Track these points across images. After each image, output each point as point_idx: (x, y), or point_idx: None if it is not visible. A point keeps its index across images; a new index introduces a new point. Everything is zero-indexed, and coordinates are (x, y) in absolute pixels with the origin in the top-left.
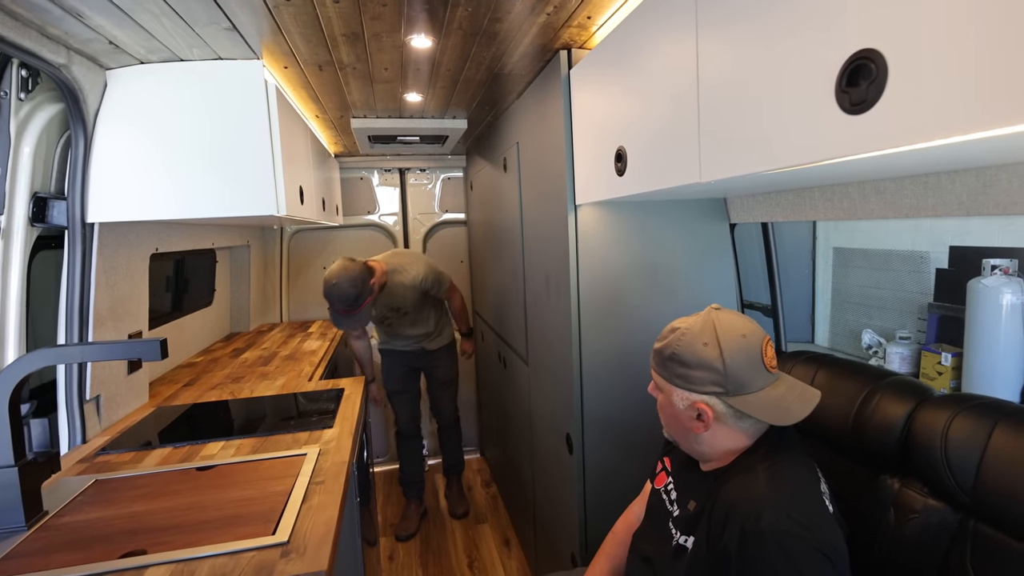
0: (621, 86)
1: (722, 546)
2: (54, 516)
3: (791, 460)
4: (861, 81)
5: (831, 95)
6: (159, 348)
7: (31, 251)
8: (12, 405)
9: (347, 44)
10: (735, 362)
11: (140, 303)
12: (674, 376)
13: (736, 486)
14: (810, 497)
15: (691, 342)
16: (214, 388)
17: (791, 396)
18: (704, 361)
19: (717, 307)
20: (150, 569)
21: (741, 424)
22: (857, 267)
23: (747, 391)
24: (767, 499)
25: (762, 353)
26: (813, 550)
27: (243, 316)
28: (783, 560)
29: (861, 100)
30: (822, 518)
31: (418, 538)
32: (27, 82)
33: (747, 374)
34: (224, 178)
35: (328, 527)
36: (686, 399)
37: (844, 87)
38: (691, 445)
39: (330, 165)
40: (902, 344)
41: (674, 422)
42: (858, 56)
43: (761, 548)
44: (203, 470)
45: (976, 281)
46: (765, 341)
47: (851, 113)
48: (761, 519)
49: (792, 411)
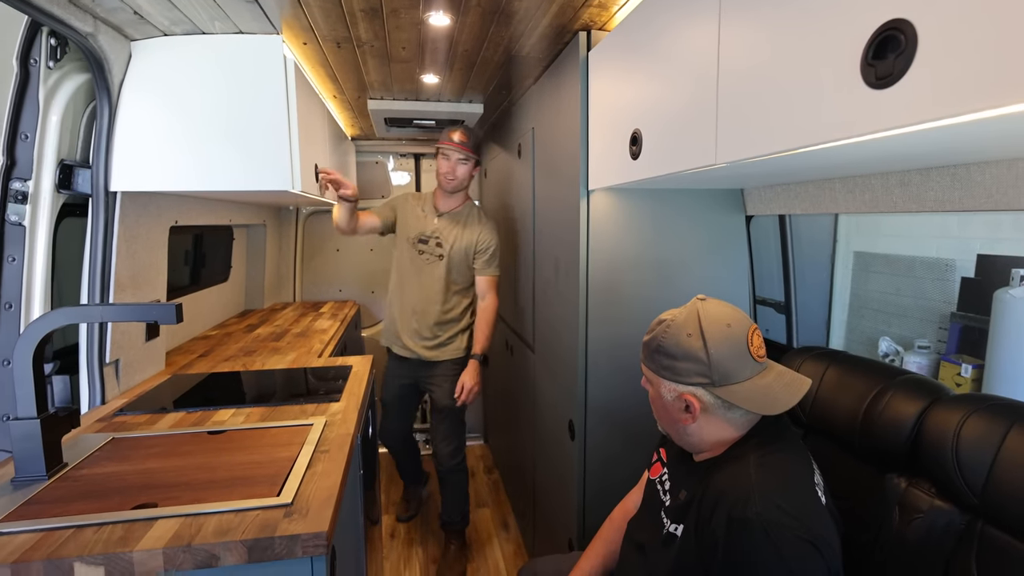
0: (640, 67)
1: (709, 532)
2: (73, 468)
3: (784, 450)
4: (888, 54)
5: (856, 69)
6: (175, 312)
7: (57, 218)
8: (36, 360)
9: (365, 20)
10: (719, 352)
11: (159, 273)
12: (661, 368)
13: (726, 475)
14: (801, 487)
15: (675, 333)
16: (227, 360)
17: (778, 385)
18: (689, 352)
19: (703, 297)
20: (160, 520)
21: (731, 415)
22: (878, 272)
23: (733, 381)
24: (755, 487)
25: (748, 342)
26: (800, 539)
27: (257, 293)
28: (768, 547)
29: (887, 73)
30: (812, 508)
31: (419, 518)
32: (55, 51)
33: (732, 364)
34: (242, 152)
35: (330, 492)
36: (674, 391)
37: (870, 60)
38: (681, 437)
39: (346, 147)
40: (920, 353)
41: (664, 414)
42: (887, 27)
43: (747, 535)
44: (214, 434)
45: (1003, 291)
46: (751, 330)
47: (876, 88)
48: (748, 507)
49: (779, 400)
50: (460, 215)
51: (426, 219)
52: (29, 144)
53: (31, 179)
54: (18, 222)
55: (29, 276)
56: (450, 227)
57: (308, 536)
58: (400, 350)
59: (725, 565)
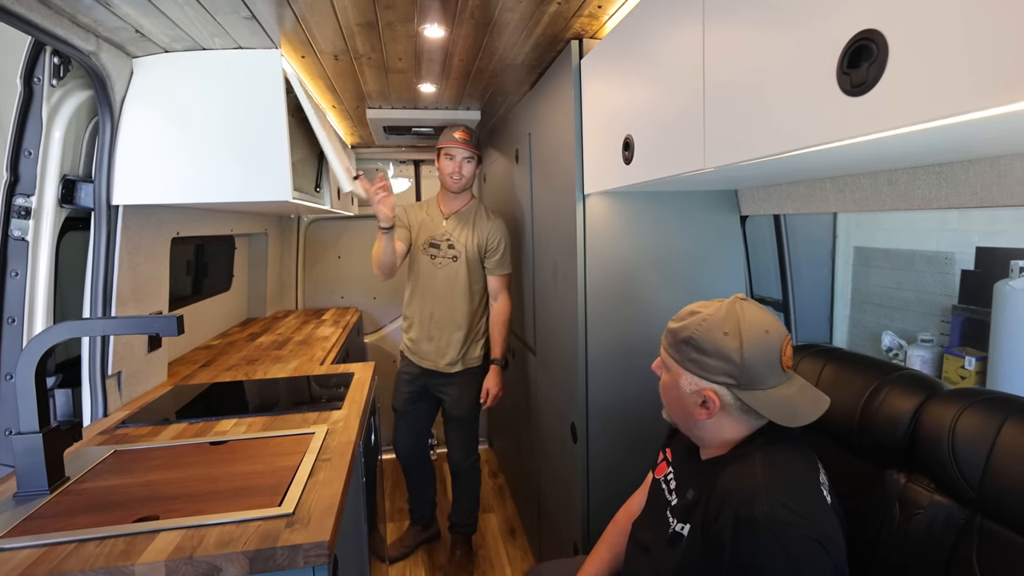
0: (630, 74)
1: (716, 533)
2: (75, 482)
3: (789, 450)
4: (862, 62)
5: (832, 77)
6: (176, 324)
7: (60, 232)
8: (38, 374)
9: (362, 33)
10: (753, 356)
11: (161, 284)
12: (687, 360)
13: (732, 474)
14: (807, 486)
15: (711, 328)
16: (229, 369)
17: (801, 398)
18: (721, 350)
19: (743, 297)
20: (162, 533)
21: (745, 416)
22: (878, 267)
23: (758, 387)
24: (762, 487)
25: (781, 352)
26: (807, 538)
27: (260, 302)
28: (775, 547)
29: (862, 81)
30: (818, 507)
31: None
32: (59, 69)
33: (762, 370)
34: (243, 165)
35: (332, 501)
36: (695, 384)
37: (845, 69)
38: (691, 429)
39: (346, 156)
40: (924, 347)
41: (676, 404)
42: (859, 37)
43: (754, 535)
44: (216, 445)
45: (1003, 283)
46: (786, 340)
47: (852, 95)
48: (755, 507)
49: (800, 414)
50: (467, 214)
51: (433, 223)
52: (32, 160)
53: (34, 194)
54: (21, 237)
55: (32, 290)
56: (460, 227)
57: (309, 546)
58: (416, 359)
59: (733, 565)
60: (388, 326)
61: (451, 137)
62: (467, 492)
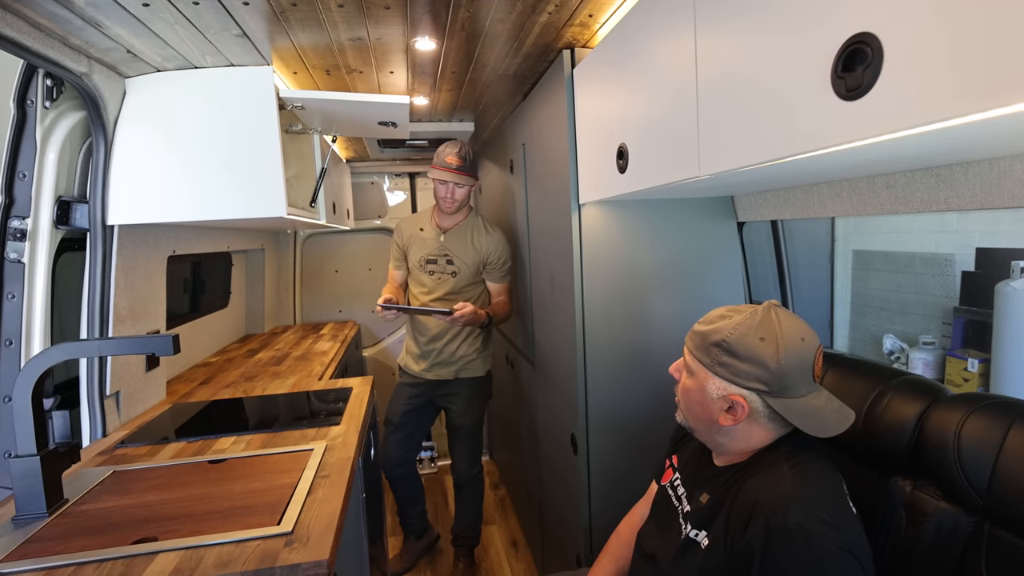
0: (622, 83)
1: (744, 544)
2: (73, 504)
3: (816, 460)
4: (857, 66)
5: (827, 82)
6: (171, 343)
7: (56, 253)
8: (35, 396)
9: (353, 48)
10: (789, 363)
11: (158, 303)
12: (716, 364)
13: (759, 483)
14: (836, 496)
15: (747, 333)
16: (228, 386)
17: (829, 409)
18: (756, 356)
19: (776, 303)
20: (160, 555)
21: (772, 424)
22: (878, 270)
23: (790, 395)
24: (793, 497)
25: (814, 361)
26: (841, 550)
27: (258, 318)
28: (810, 559)
29: (857, 85)
30: (848, 517)
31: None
32: (51, 91)
33: (795, 379)
34: (238, 182)
35: (331, 519)
36: (723, 389)
37: (840, 73)
38: (712, 435)
39: (341, 170)
40: (926, 349)
41: (699, 408)
42: (853, 40)
43: (788, 546)
44: (214, 463)
45: (1004, 284)
46: (819, 350)
47: (847, 99)
48: (788, 517)
49: (828, 424)
50: (465, 228)
51: (430, 239)
52: (27, 183)
53: (29, 216)
54: (17, 259)
55: (29, 312)
56: (458, 243)
57: (309, 564)
58: (417, 371)
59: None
60: (387, 339)
61: (443, 163)
62: (471, 502)
